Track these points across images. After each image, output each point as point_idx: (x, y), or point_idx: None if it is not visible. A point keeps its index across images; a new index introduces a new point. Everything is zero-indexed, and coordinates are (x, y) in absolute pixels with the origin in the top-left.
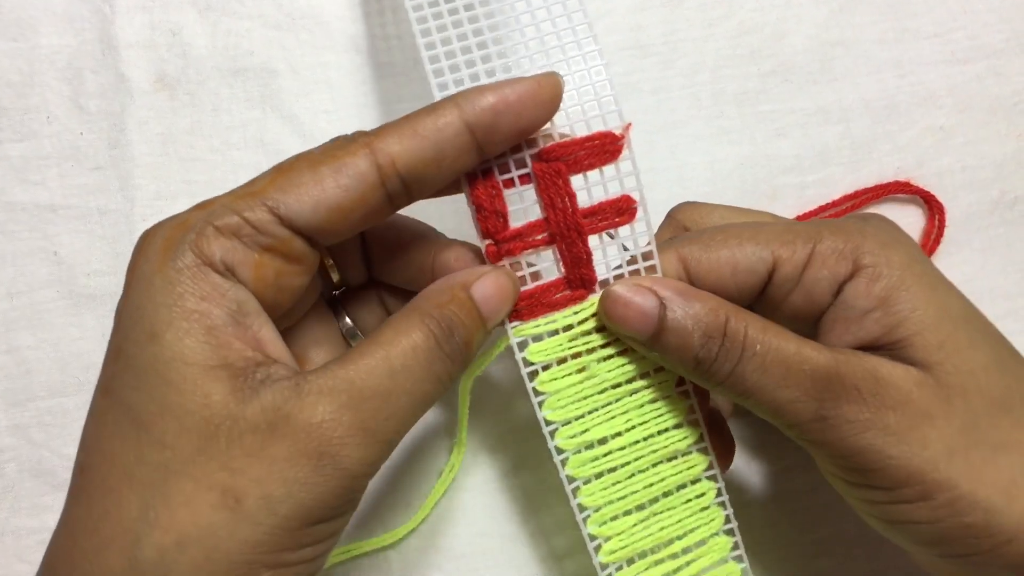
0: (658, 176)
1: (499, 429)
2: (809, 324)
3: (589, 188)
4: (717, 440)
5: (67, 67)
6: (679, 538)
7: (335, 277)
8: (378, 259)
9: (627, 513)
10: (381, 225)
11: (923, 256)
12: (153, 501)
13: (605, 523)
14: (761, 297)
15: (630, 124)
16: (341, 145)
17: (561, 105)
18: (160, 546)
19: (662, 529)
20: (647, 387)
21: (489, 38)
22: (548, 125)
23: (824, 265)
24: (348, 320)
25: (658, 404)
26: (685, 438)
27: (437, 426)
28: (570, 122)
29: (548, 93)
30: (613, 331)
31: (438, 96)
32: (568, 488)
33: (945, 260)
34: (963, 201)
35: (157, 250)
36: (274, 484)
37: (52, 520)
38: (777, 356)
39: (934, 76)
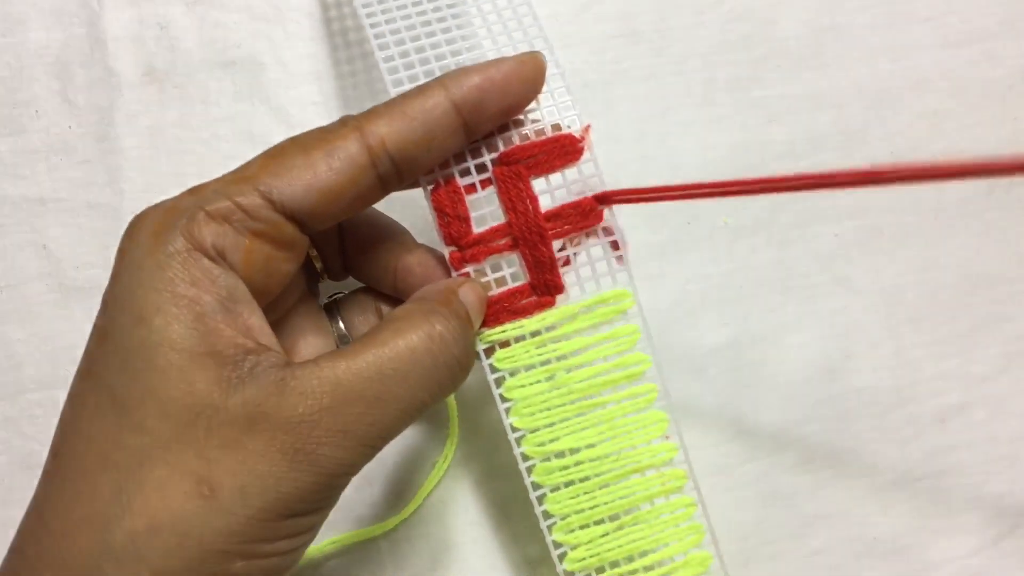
0: (649, 164)
1: (493, 417)
2: None
3: (552, 192)
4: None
5: (55, 62)
6: (652, 551)
7: (318, 266)
8: (349, 253)
9: (597, 523)
10: (357, 219)
11: None
12: (127, 485)
13: (572, 531)
14: None
15: (589, 125)
16: (331, 129)
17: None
18: (132, 531)
19: (633, 541)
20: (620, 400)
21: (442, 39)
22: (522, 116)
23: None
24: (342, 326)
25: (632, 419)
26: (661, 454)
27: (429, 416)
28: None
29: (531, 71)
30: None
31: (392, 92)
32: (533, 495)
33: (941, 246)
34: (958, 186)
35: (147, 235)
36: (248, 476)
37: None
38: None
39: (927, 61)
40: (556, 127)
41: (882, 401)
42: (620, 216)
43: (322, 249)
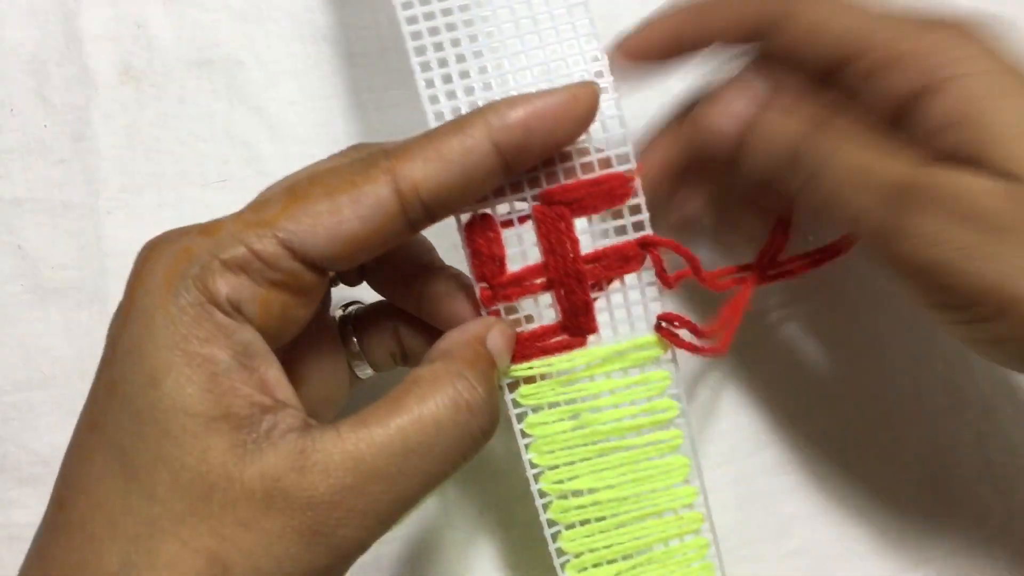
0: None
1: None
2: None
3: (592, 231)
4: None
5: (31, 60)
6: None
7: (331, 274)
8: (367, 265)
9: (610, 562)
10: None
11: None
12: (136, 558)
13: (585, 570)
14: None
15: (642, 165)
16: (360, 169)
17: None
18: None
19: None
20: (644, 444)
21: (488, 57)
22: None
23: (897, 72)
24: (356, 344)
25: (656, 463)
26: (681, 498)
27: None
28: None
29: (584, 106)
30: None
31: (430, 114)
32: (547, 532)
33: None
34: None
35: (159, 283)
36: (263, 558)
37: (18, 515)
38: (852, 167)
39: None
40: (604, 162)
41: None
42: None
43: None
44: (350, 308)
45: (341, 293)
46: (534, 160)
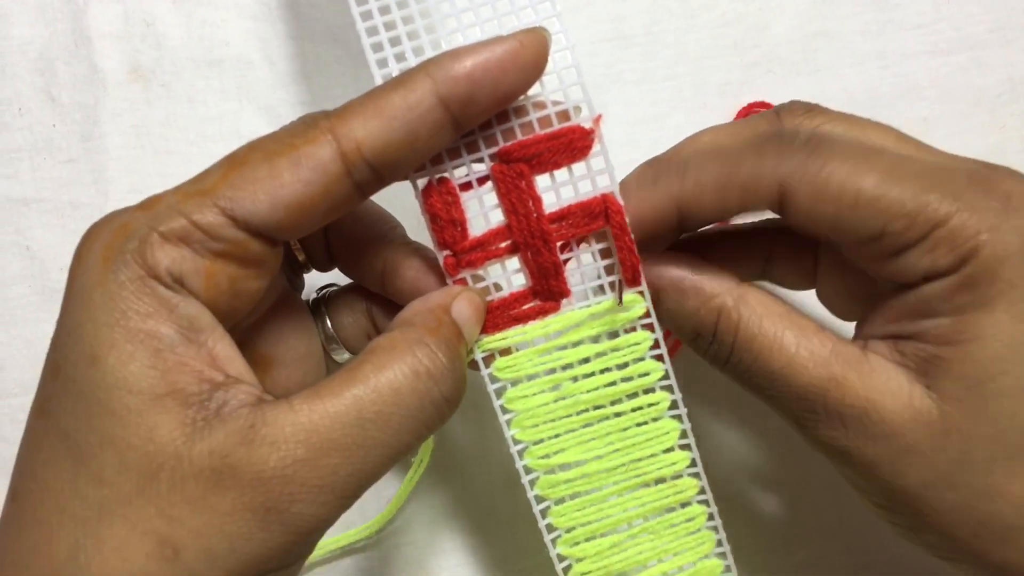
0: None
1: (476, 409)
2: (882, 285)
3: (557, 189)
4: None
5: (39, 58)
6: (661, 561)
7: (300, 257)
8: (334, 246)
9: (603, 535)
10: None
11: None
12: (84, 541)
13: (577, 544)
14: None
15: (600, 116)
16: (300, 131)
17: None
18: None
19: (640, 553)
20: (632, 410)
21: (435, 16)
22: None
23: (931, 252)
24: (329, 325)
25: (644, 428)
26: (674, 464)
27: None
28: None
29: (532, 54)
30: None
31: (376, 73)
32: (536, 508)
33: None
34: None
35: (97, 259)
36: (215, 538)
37: None
38: (763, 367)
39: (917, 67)
40: (563, 115)
41: None
42: None
43: (305, 238)
44: (324, 291)
45: (317, 278)
46: (484, 113)
